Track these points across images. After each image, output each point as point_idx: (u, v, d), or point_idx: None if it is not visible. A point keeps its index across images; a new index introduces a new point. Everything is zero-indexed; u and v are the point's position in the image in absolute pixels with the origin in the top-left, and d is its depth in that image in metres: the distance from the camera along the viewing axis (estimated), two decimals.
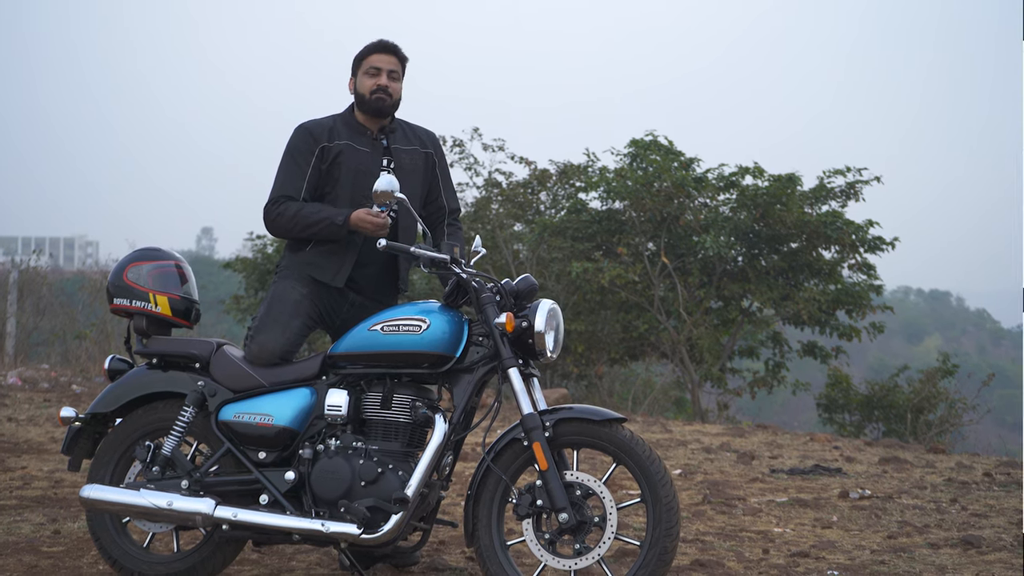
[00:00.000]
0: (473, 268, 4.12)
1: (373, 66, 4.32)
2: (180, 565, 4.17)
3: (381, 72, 4.31)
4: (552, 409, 3.85)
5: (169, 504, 4.05)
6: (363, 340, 4.01)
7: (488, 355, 3.93)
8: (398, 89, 4.34)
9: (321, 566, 4.55)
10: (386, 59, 4.33)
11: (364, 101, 4.32)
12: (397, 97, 4.34)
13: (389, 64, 4.33)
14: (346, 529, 3.87)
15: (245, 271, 17.18)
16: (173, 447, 4.17)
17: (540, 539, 3.80)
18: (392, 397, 3.99)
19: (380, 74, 4.31)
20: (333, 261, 4.26)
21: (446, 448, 3.94)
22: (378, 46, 4.35)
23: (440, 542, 4.95)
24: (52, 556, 4.63)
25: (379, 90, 4.30)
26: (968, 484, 6.65)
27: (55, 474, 6.53)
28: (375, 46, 4.35)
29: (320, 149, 4.27)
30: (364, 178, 4.26)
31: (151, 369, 4.30)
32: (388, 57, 4.34)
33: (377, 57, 4.33)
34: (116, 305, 4.31)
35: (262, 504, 4.02)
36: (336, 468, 3.93)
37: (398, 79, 4.34)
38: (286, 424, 4.05)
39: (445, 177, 4.54)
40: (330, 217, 4.18)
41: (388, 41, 4.36)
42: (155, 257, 4.37)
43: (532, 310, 3.90)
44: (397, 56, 4.35)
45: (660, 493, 3.73)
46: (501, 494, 3.88)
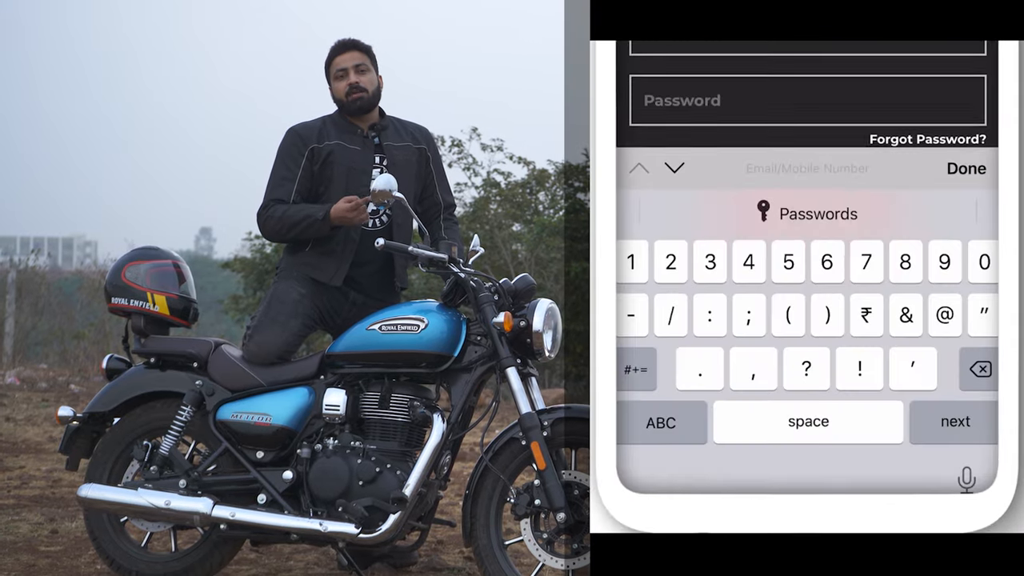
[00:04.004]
0: (471, 267, 4.12)
1: (339, 68, 4.34)
2: (178, 564, 4.17)
3: (348, 71, 4.33)
4: (550, 409, 3.84)
5: (167, 503, 4.04)
6: (361, 340, 4.01)
7: (486, 355, 3.93)
8: (371, 80, 4.34)
9: (319, 565, 4.55)
10: (347, 57, 4.35)
11: (344, 104, 4.34)
12: (374, 88, 4.34)
13: (352, 60, 4.34)
14: (344, 528, 3.87)
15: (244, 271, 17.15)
16: (171, 446, 4.16)
17: (538, 538, 3.80)
18: (390, 397, 3.99)
19: (347, 73, 4.32)
20: (331, 261, 4.26)
21: (444, 448, 3.94)
22: (336, 48, 4.38)
23: (438, 541, 4.94)
24: (50, 555, 4.63)
25: (352, 89, 4.31)
26: None
27: (53, 473, 6.53)
28: (333, 49, 4.38)
29: (310, 151, 4.27)
30: (357, 176, 4.26)
31: (149, 368, 4.30)
32: (349, 54, 4.35)
33: (339, 59, 4.36)
34: (114, 304, 4.31)
35: (260, 503, 4.02)
36: (334, 467, 3.93)
37: (367, 70, 4.35)
38: (284, 423, 4.05)
39: (439, 172, 4.53)
40: (312, 214, 4.18)
41: (344, 39, 4.40)
42: (153, 256, 4.37)
43: (530, 309, 3.90)
44: (358, 49, 4.37)
45: None
46: (499, 494, 3.88)
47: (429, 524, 4.10)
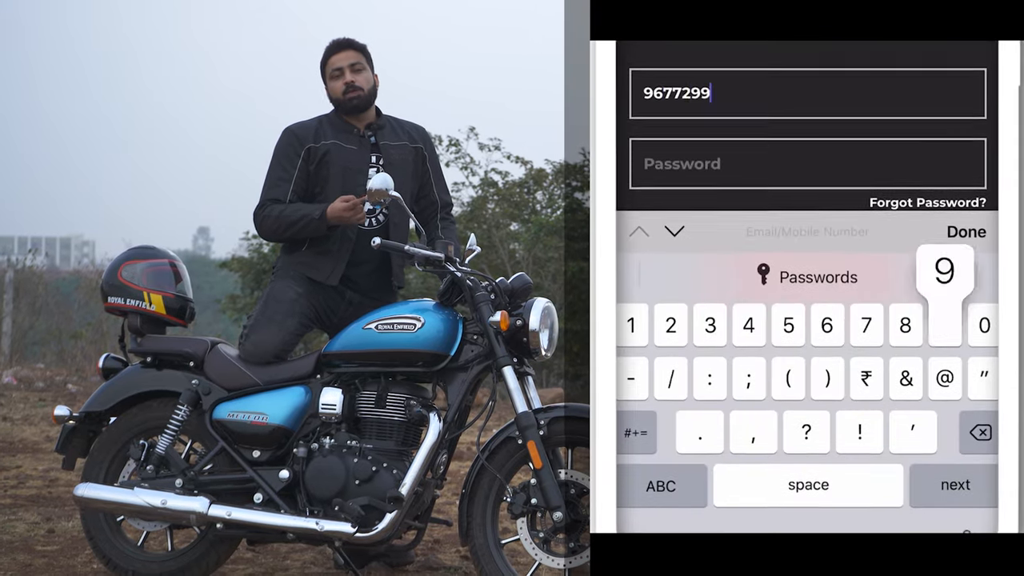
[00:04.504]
0: (468, 267, 4.11)
1: (334, 68, 4.33)
2: (174, 564, 4.16)
3: (343, 71, 4.32)
4: (547, 408, 3.84)
5: (163, 503, 4.04)
6: (357, 339, 4.00)
7: (483, 354, 3.92)
8: (367, 79, 4.34)
9: (316, 565, 4.55)
10: (343, 56, 4.34)
11: (340, 103, 4.33)
12: (370, 86, 4.34)
13: (348, 59, 4.33)
14: (340, 528, 3.87)
15: (241, 271, 17.18)
16: (167, 446, 4.16)
17: (535, 538, 3.79)
18: (386, 396, 3.98)
19: (343, 72, 4.32)
20: (327, 260, 4.26)
21: (440, 447, 3.94)
22: (331, 48, 4.37)
23: (435, 541, 4.94)
24: (46, 555, 4.62)
25: (348, 88, 4.30)
26: None
27: (50, 473, 6.52)
28: (328, 49, 4.38)
29: (306, 151, 4.26)
30: (353, 176, 4.26)
31: (145, 368, 4.29)
32: (344, 54, 4.35)
33: (335, 58, 4.35)
34: (110, 304, 4.30)
35: (256, 503, 4.01)
36: (330, 467, 3.93)
37: (363, 69, 4.34)
38: (280, 423, 4.04)
39: (436, 171, 4.52)
40: (309, 214, 4.17)
41: (339, 38, 4.39)
42: (149, 255, 4.36)
43: (527, 308, 3.89)
44: (354, 48, 4.36)
45: None
46: (495, 493, 3.88)
47: (426, 523, 4.10)
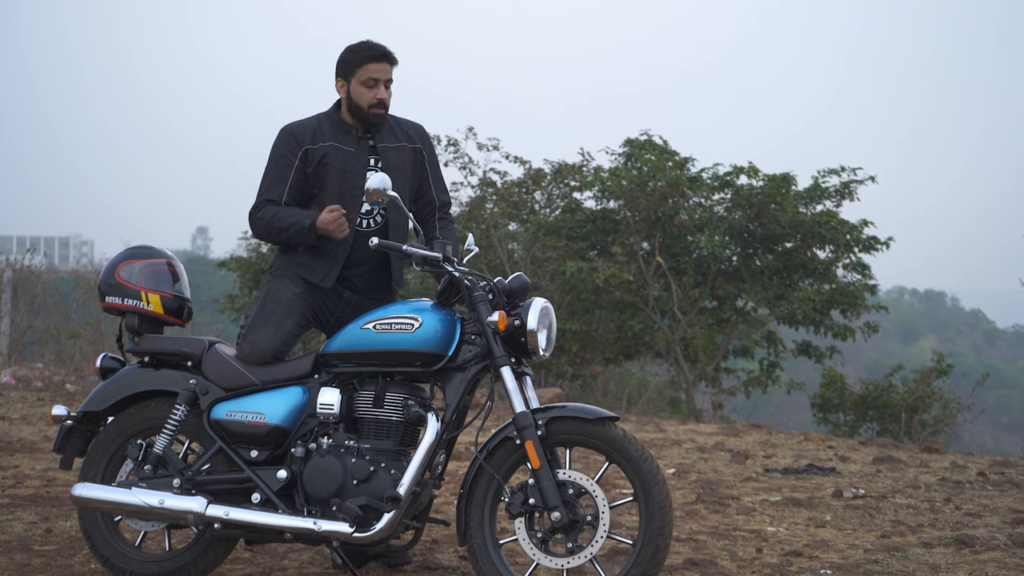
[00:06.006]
0: (466, 266, 4.11)
1: (371, 77, 4.17)
2: (172, 564, 4.17)
3: (379, 84, 4.19)
4: (545, 408, 3.84)
5: (161, 502, 4.04)
6: (355, 338, 4.00)
7: (481, 353, 3.92)
8: (390, 95, 4.27)
9: (313, 565, 4.55)
10: (383, 68, 4.19)
11: (362, 113, 4.20)
12: (389, 103, 4.28)
13: (386, 74, 4.20)
14: (338, 528, 3.87)
15: (240, 270, 17.21)
16: (165, 445, 4.16)
17: (532, 538, 3.80)
18: (384, 396, 3.98)
19: (378, 86, 4.19)
20: (323, 262, 4.24)
21: (438, 447, 3.93)
22: (375, 54, 4.19)
23: (433, 541, 4.94)
24: (44, 555, 4.62)
25: (379, 104, 4.19)
26: (962, 483, 6.65)
27: (48, 473, 6.51)
28: (372, 54, 4.19)
29: (304, 152, 4.21)
30: (351, 178, 4.23)
31: (143, 367, 4.29)
32: (384, 65, 4.20)
33: (376, 67, 4.18)
34: (108, 303, 4.30)
35: (254, 503, 4.02)
36: (328, 466, 3.92)
37: (390, 85, 4.26)
38: (278, 422, 4.04)
39: (435, 171, 4.47)
40: (300, 221, 4.14)
41: (384, 48, 4.21)
42: (147, 255, 4.36)
43: (525, 308, 3.89)
44: (390, 63, 4.23)
45: (652, 491, 3.72)
46: (494, 493, 3.88)
47: (423, 523, 4.09)
